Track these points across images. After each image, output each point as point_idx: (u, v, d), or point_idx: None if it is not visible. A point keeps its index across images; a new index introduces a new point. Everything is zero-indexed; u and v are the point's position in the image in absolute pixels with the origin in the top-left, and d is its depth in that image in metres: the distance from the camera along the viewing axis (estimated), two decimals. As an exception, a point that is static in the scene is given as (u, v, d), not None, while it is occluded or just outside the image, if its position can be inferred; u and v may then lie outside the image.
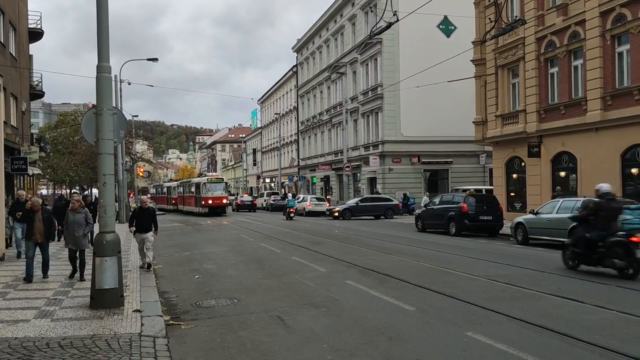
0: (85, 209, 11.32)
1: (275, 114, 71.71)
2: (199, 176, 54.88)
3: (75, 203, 11.22)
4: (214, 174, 55.52)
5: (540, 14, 24.71)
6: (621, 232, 11.26)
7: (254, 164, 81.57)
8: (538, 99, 25.16)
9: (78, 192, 29.14)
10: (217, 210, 42.72)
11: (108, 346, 6.35)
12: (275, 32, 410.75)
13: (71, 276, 11.26)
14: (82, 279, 10.92)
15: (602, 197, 11.55)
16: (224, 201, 43.94)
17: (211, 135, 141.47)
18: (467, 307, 8.62)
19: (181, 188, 52.48)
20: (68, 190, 70.40)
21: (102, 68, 8.71)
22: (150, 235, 13.15)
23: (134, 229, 13.50)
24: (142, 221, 13.35)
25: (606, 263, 11.24)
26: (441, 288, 10.03)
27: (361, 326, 7.59)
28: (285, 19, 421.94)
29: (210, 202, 42.28)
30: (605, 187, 11.69)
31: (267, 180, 77.66)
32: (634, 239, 11.15)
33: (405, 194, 39.55)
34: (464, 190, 31.07)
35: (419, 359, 6.13)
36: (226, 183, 48.35)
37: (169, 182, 76.69)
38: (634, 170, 20.61)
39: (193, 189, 46.20)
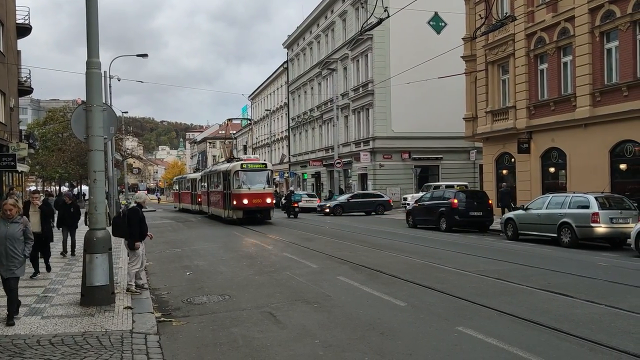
0: (24, 217, 7.82)
1: (266, 110, 71.58)
2: (228, 161, 32.92)
3: (10, 209, 7.41)
4: (252, 157, 34.31)
5: (530, 10, 24.81)
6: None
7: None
8: (528, 95, 25.28)
9: (13, 191, 19.10)
10: (256, 215, 27.36)
11: (99, 343, 6.33)
12: (272, 28, 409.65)
13: None
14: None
15: None
16: (268, 200, 27.40)
17: (202, 132, 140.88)
18: (458, 302, 8.67)
19: (205, 181, 36.01)
20: (57, 187, 69.95)
21: (92, 64, 8.66)
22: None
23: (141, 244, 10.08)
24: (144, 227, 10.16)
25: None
26: (432, 283, 10.09)
27: (353, 322, 7.62)
28: (283, 14, 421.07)
29: (245, 201, 26.81)
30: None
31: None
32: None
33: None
34: (436, 187, 31.64)
35: (410, 353, 6.17)
36: (271, 171, 29.53)
37: (195, 172, 57.60)
38: (623, 166, 20.78)
39: (219, 182, 30.51)
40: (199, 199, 38.89)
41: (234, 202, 26.77)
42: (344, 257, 13.97)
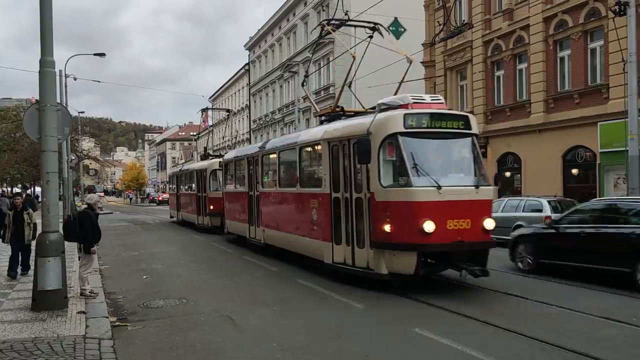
0: None
1: (227, 112, 71.02)
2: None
3: None
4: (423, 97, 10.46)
5: (487, 18, 25.38)
6: None
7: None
8: (485, 101, 25.84)
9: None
10: (452, 265, 9.71)
11: (50, 349, 6.16)
12: (239, 29, 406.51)
13: None
14: None
15: None
16: (487, 225, 9.48)
17: (161, 133, 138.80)
18: (410, 302, 8.78)
19: (260, 166, 15.52)
20: (9, 189, 67.70)
21: (46, 62, 8.44)
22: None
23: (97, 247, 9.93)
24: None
25: None
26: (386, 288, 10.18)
27: (312, 324, 7.64)
28: (251, 14, 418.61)
29: (430, 228, 8.95)
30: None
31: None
32: None
33: None
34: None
35: (367, 354, 6.22)
36: (475, 136, 10.23)
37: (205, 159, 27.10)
38: (574, 171, 21.46)
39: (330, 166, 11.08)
40: (212, 206, 22.16)
41: (402, 229, 9.25)
42: (303, 259, 13.94)
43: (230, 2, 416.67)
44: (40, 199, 9.68)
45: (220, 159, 21.63)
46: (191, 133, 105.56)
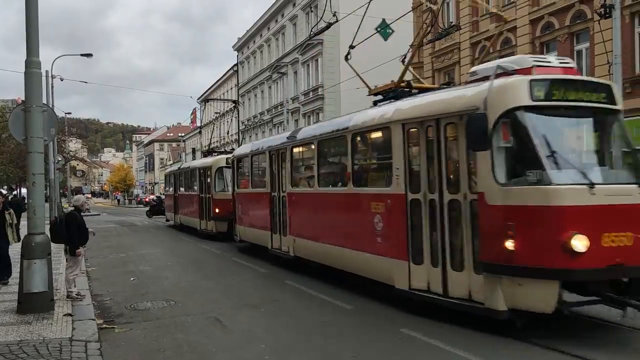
0: None
1: (216, 112, 70.83)
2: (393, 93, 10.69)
3: None
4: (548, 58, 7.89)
5: (475, 20, 25.53)
6: None
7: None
8: (473, 103, 25.98)
9: None
10: None
11: (36, 352, 6.11)
12: (229, 29, 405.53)
13: None
14: None
15: None
16: None
17: (149, 134, 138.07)
18: (397, 303, 8.79)
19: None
20: (-5, 190, 66.96)
21: (32, 63, 8.36)
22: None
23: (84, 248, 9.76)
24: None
25: None
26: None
27: (300, 325, 7.64)
28: (240, 15, 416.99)
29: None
30: None
31: (209, 180, 76.45)
32: None
33: None
34: None
35: (356, 355, 6.23)
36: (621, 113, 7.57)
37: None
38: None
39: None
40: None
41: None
42: (293, 261, 13.94)
43: (220, 2, 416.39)
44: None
45: (228, 156, 19.18)
46: (179, 134, 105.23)
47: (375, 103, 10.53)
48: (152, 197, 62.10)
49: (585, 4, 19.53)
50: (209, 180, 20.99)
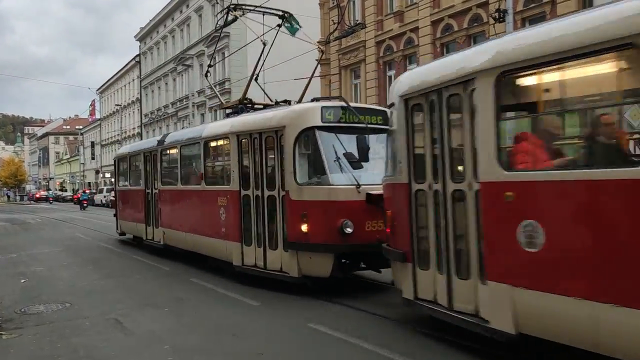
0: None
1: (117, 105, 67.85)
2: None
3: None
4: None
5: (379, 19, 26.18)
6: None
7: (92, 158, 76.46)
8: (378, 100, 26.63)
9: None
10: None
11: None
12: (134, 18, 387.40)
13: None
14: None
15: None
16: None
17: (43, 126, 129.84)
18: (307, 300, 8.85)
19: None
20: None
21: None
22: None
23: None
24: None
25: None
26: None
27: (205, 325, 7.46)
28: (145, 3, 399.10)
29: None
30: None
31: (108, 175, 73.30)
32: None
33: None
34: None
35: (262, 353, 6.18)
36: None
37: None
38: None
39: None
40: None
41: None
42: (197, 258, 13.61)
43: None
44: None
45: (326, 104, 9.77)
46: (77, 127, 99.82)
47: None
48: (43, 193, 58.17)
49: (482, 8, 20.59)
50: (278, 156, 9.58)
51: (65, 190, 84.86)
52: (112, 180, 21.19)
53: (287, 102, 11.21)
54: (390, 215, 7.14)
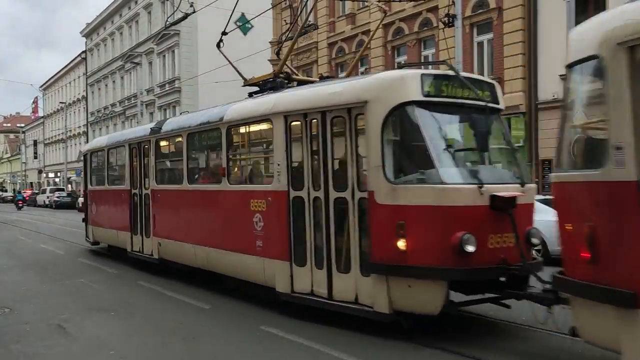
0: None
1: (61, 102, 65.62)
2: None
3: None
4: None
5: (332, 21, 26.29)
6: None
7: (35, 157, 73.72)
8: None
9: None
10: None
11: None
12: (81, 13, 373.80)
13: None
14: None
15: None
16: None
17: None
18: (255, 301, 8.75)
19: None
20: None
21: None
22: None
23: None
24: None
25: None
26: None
27: (154, 328, 7.28)
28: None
29: None
30: None
31: (52, 175, 70.81)
32: None
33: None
34: None
35: (214, 356, 6.07)
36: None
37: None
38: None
39: None
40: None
41: None
42: (146, 261, 13.29)
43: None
44: None
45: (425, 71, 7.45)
46: (18, 124, 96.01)
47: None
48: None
49: (432, 13, 20.98)
50: (353, 144, 7.11)
51: (6, 191, 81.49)
52: (70, 179, 20.04)
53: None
54: None
